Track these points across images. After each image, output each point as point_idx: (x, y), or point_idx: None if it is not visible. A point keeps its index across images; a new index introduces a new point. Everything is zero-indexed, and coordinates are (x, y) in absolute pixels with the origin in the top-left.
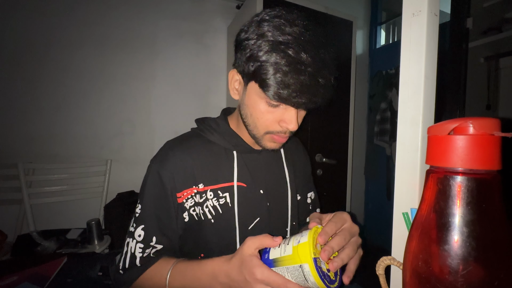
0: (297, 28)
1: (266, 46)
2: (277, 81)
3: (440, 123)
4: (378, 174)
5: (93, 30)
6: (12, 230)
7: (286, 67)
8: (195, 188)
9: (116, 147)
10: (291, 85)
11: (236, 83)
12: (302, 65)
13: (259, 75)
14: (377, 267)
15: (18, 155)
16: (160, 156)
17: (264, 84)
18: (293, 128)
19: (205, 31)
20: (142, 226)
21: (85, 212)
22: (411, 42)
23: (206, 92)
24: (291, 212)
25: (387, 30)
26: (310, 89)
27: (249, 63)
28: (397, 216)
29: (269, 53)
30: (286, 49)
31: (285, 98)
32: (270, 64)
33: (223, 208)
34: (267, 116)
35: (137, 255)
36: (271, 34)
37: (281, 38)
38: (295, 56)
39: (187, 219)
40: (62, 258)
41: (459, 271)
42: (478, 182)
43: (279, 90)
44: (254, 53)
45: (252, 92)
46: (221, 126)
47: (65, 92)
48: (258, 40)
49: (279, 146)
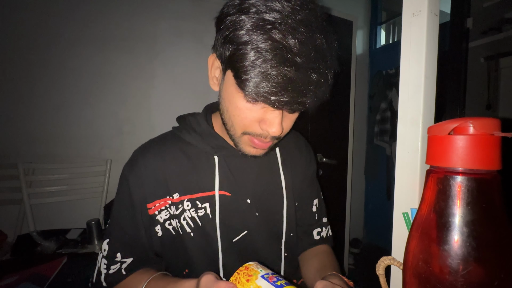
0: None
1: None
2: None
3: (440, 123)
4: (378, 174)
5: (93, 30)
6: (12, 230)
7: (268, 53)
8: (169, 198)
9: (116, 147)
10: (272, 78)
11: (217, 71)
12: (289, 53)
13: (235, 62)
14: (377, 267)
15: (18, 155)
16: (130, 162)
17: (239, 75)
18: (275, 132)
19: (205, 31)
20: (107, 240)
21: (85, 212)
22: (411, 42)
23: (206, 92)
24: (286, 223)
25: (387, 30)
26: (296, 85)
27: (226, 45)
28: (397, 216)
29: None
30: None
31: (263, 95)
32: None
33: (202, 220)
34: (245, 114)
35: (102, 271)
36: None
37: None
38: (280, 40)
39: (161, 234)
40: (62, 258)
41: (459, 271)
42: (478, 182)
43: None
44: (232, 32)
45: (228, 83)
46: (201, 125)
47: (65, 92)
48: (239, 15)
49: (260, 152)
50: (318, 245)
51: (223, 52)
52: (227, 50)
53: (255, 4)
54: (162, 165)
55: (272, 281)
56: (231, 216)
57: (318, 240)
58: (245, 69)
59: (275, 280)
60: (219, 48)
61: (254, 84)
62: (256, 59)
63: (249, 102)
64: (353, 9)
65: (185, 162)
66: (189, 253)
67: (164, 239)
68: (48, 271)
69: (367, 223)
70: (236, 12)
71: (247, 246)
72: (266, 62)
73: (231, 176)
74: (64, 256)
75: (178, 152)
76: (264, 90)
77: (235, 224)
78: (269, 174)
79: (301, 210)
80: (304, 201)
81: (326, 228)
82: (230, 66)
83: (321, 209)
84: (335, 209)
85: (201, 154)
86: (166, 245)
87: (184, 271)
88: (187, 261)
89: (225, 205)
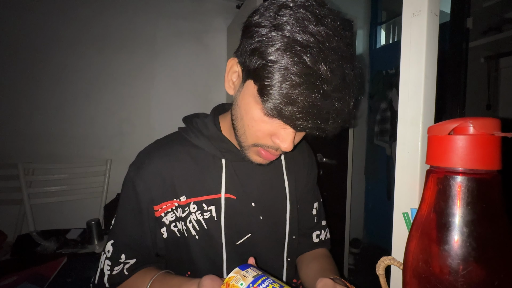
0: (323, 29)
1: (279, 42)
2: (281, 92)
3: (440, 123)
4: (378, 174)
5: (93, 30)
6: (12, 230)
7: (297, 77)
8: (176, 201)
9: (116, 147)
10: (297, 103)
11: (234, 75)
12: (318, 80)
13: (260, 77)
14: (377, 267)
15: (18, 155)
16: (137, 163)
17: (264, 91)
18: (287, 148)
19: (205, 31)
20: (112, 241)
21: (85, 212)
22: (411, 42)
23: (206, 92)
24: (289, 226)
25: (387, 30)
26: (320, 112)
27: (253, 57)
28: (397, 216)
29: (280, 53)
30: (302, 54)
31: (286, 117)
32: (278, 68)
33: (208, 222)
34: (259, 126)
35: (105, 272)
36: (290, 28)
37: (300, 37)
38: (311, 65)
39: (166, 235)
40: (62, 258)
41: (459, 271)
42: (478, 182)
43: (281, 105)
44: (262, 47)
45: (248, 93)
46: (210, 129)
47: (65, 92)
48: (272, 31)
49: (266, 162)
50: (317, 248)
51: (248, 62)
52: (253, 62)
53: (290, 22)
54: (169, 168)
55: None
56: (236, 219)
57: (317, 243)
58: (271, 88)
59: None
60: (244, 56)
61: (278, 104)
62: (284, 81)
63: (267, 116)
64: (353, 9)
65: (192, 165)
66: (193, 255)
67: (168, 241)
68: (48, 271)
69: (367, 223)
70: (269, 26)
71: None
72: (294, 87)
73: (237, 179)
74: (64, 256)
75: (185, 155)
76: (288, 113)
77: (240, 227)
78: (274, 178)
79: (301, 214)
80: (305, 204)
81: (325, 231)
82: (254, 78)
83: (320, 212)
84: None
85: (208, 157)
86: (170, 246)
87: (187, 273)
88: (191, 263)
89: (231, 208)
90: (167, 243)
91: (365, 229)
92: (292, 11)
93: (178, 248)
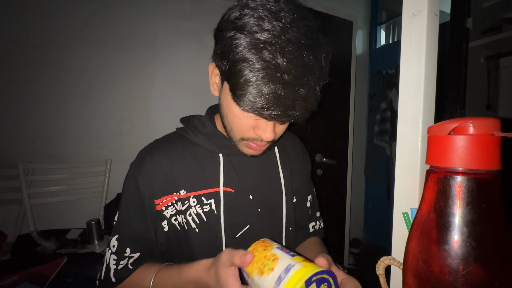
0: (279, 24)
1: (242, 44)
2: (247, 89)
3: (440, 123)
4: (378, 174)
5: (93, 30)
6: (12, 230)
7: (259, 72)
8: (176, 195)
9: (116, 147)
10: (263, 95)
11: (216, 78)
12: (278, 72)
13: (230, 77)
14: (377, 267)
15: (18, 155)
16: (138, 161)
17: (235, 90)
18: (268, 138)
19: (205, 31)
20: (117, 236)
21: (85, 212)
22: (411, 42)
23: (206, 92)
24: (286, 218)
25: (387, 30)
26: (285, 100)
27: (223, 60)
28: (397, 216)
29: (242, 53)
30: (261, 50)
31: (256, 109)
32: (243, 68)
33: (208, 215)
34: (241, 121)
35: (111, 267)
36: (249, 29)
37: (259, 35)
38: (270, 60)
39: (167, 229)
40: (62, 258)
41: (459, 271)
42: (478, 182)
43: (249, 100)
44: (228, 49)
45: (226, 92)
46: (206, 127)
47: (65, 92)
48: (236, 33)
49: (257, 153)
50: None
51: (221, 65)
52: (224, 65)
53: (249, 23)
54: (169, 164)
55: (286, 251)
56: (234, 211)
57: (312, 232)
58: (239, 85)
59: (288, 251)
60: (217, 60)
61: (247, 99)
62: (250, 77)
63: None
64: (353, 9)
65: (191, 161)
66: (193, 248)
67: (169, 234)
68: (48, 271)
69: (367, 223)
70: (232, 29)
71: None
72: (258, 81)
73: (234, 173)
74: (64, 256)
75: (184, 152)
76: (257, 105)
77: (239, 220)
78: (269, 173)
79: (297, 208)
80: (300, 198)
81: (319, 221)
82: (226, 79)
83: (314, 204)
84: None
85: (206, 153)
86: (171, 240)
87: None
88: (191, 256)
89: (229, 201)
90: (168, 236)
91: (365, 229)
92: (252, 11)
93: (179, 242)
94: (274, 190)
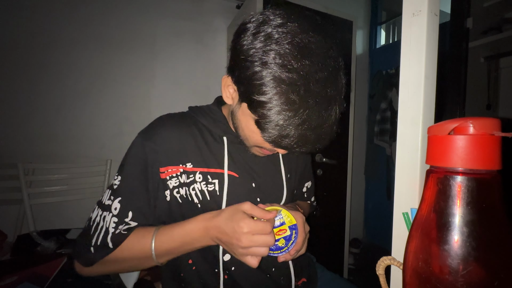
0: (306, 63)
1: (269, 83)
2: (274, 127)
3: (440, 123)
4: (378, 174)
5: (93, 30)
6: (12, 230)
7: (288, 114)
8: (182, 167)
9: (116, 147)
10: (289, 137)
11: (231, 89)
12: (306, 115)
13: (256, 112)
14: (377, 267)
15: (18, 155)
16: (148, 129)
17: (261, 126)
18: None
19: (205, 31)
20: (119, 198)
21: (85, 212)
22: (411, 42)
23: (206, 92)
24: None
25: (387, 30)
26: (310, 140)
27: (248, 89)
28: (397, 216)
29: (271, 91)
30: (290, 93)
31: (280, 146)
32: (270, 107)
33: (211, 195)
34: (258, 137)
35: (110, 230)
36: (276, 69)
37: (285, 75)
38: (299, 103)
39: (169, 199)
40: (62, 258)
41: (459, 271)
42: (478, 182)
43: (274, 137)
44: (255, 86)
45: (246, 113)
46: (214, 112)
47: (65, 92)
48: (262, 69)
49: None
50: None
51: (244, 91)
52: (248, 95)
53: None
54: (179, 136)
55: None
56: (236, 196)
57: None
58: (267, 124)
59: None
60: (238, 83)
61: (272, 135)
62: (277, 120)
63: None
64: (353, 9)
65: (199, 139)
66: None
67: (171, 204)
68: (48, 271)
69: (367, 223)
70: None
71: None
72: (287, 124)
73: (240, 159)
74: (64, 256)
75: (194, 129)
76: (281, 144)
77: None
78: (271, 163)
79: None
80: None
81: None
82: (250, 109)
83: (310, 190)
84: (335, 209)
85: (213, 135)
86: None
87: None
88: None
89: (233, 185)
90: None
91: (365, 229)
92: (277, 45)
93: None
94: (274, 183)
